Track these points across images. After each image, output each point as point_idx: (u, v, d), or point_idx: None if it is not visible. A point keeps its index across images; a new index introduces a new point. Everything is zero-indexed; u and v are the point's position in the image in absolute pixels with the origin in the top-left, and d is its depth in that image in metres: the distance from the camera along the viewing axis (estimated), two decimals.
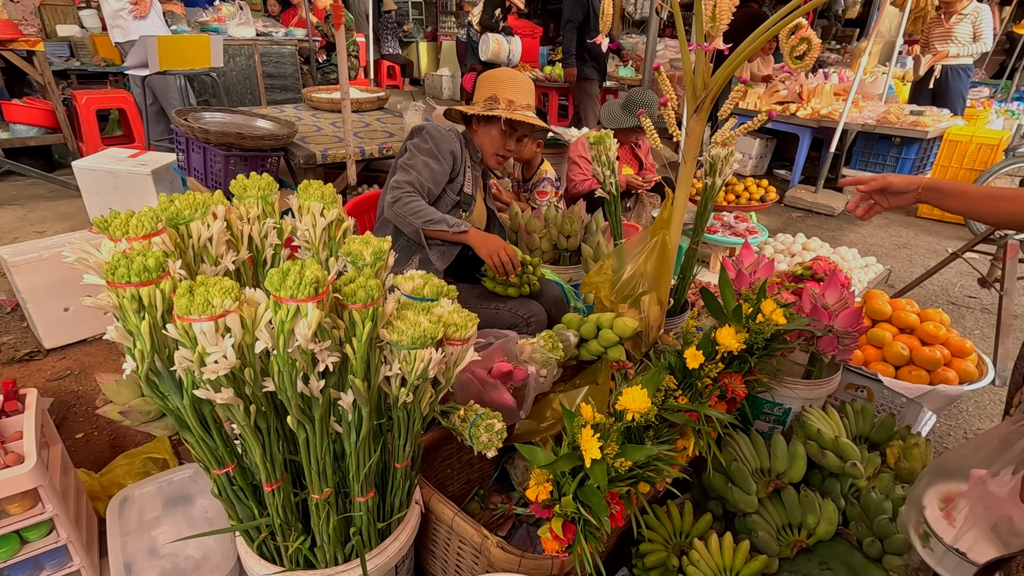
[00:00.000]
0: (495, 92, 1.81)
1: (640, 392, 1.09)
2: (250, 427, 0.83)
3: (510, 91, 1.81)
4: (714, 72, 1.44)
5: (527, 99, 1.84)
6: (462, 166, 1.84)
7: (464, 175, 1.86)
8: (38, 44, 4.19)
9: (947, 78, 4.95)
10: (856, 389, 1.83)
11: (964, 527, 0.79)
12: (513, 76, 1.85)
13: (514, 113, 1.77)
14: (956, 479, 0.85)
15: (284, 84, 6.10)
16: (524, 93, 1.84)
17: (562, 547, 1.01)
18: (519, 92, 1.82)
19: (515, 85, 1.83)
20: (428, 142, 1.76)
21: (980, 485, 0.79)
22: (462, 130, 1.92)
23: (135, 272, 0.71)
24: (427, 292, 0.99)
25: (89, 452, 1.84)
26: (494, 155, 1.88)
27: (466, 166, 1.87)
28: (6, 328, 2.49)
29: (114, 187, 3.39)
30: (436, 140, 1.77)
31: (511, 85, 1.82)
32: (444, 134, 1.79)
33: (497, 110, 1.77)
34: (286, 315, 0.74)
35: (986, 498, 0.78)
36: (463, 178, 1.85)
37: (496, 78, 1.85)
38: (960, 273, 3.52)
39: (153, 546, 1.27)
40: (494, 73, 1.88)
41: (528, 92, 1.85)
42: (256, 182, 1.04)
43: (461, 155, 1.83)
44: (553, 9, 12.17)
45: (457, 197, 1.85)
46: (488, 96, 1.81)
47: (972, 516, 0.79)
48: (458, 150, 1.81)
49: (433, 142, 1.76)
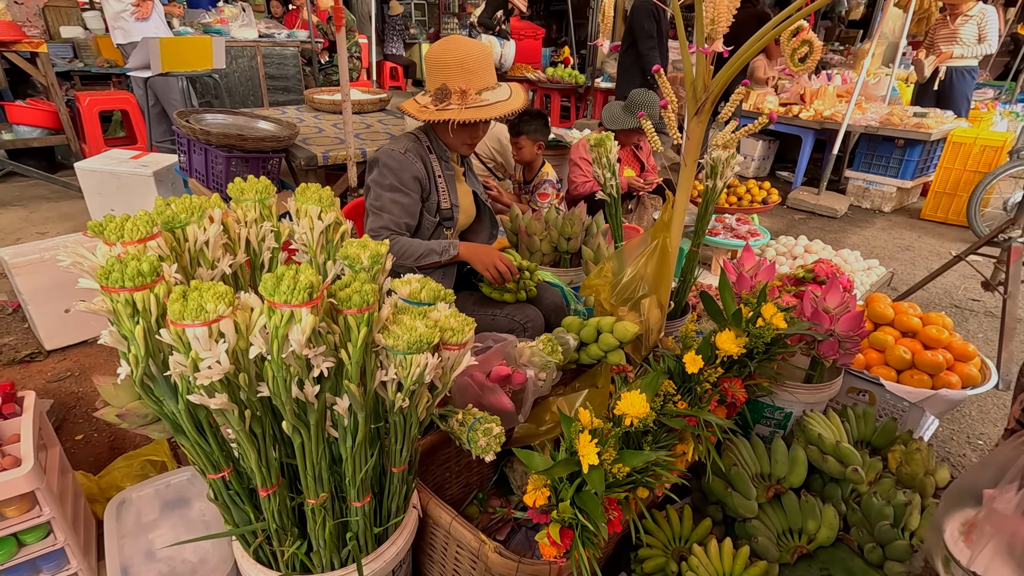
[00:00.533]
0: (443, 81, 1.58)
1: (639, 397, 1.08)
2: (245, 432, 0.83)
3: (459, 78, 1.57)
4: (715, 74, 1.44)
5: (482, 80, 1.61)
6: (431, 184, 1.70)
7: (436, 191, 1.72)
8: (41, 46, 4.20)
9: (951, 80, 4.93)
10: (858, 393, 1.82)
11: (978, 548, 0.78)
12: (462, 57, 1.58)
13: (466, 110, 1.56)
14: (972, 501, 0.85)
15: (286, 85, 6.12)
16: (477, 75, 1.59)
17: (560, 553, 1.00)
18: (471, 76, 1.58)
19: (464, 68, 1.58)
20: (388, 176, 1.63)
21: (989, 504, 0.79)
22: (421, 122, 1.69)
23: (129, 276, 0.71)
24: (424, 296, 0.98)
25: (88, 454, 1.84)
26: (462, 146, 1.73)
27: (435, 178, 1.71)
28: (7, 329, 2.50)
29: (116, 188, 3.40)
30: (395, 171, 1.63)
31: (460, 69, 1.57)
32: (401, 160, 1.64)
33: (449, 110, 1.56)
34: (280, 320, 0.73)
35: (994, 517, 0.77)
36: (436, 195, 1.72)
37: (442, 63, 1.59)
38: (963, 276, 3.50)
39: (150, 549, 1.27)
40: (439, 55, 1.60)
41: (482, 68, 1.61)
42: (254, 185, 1.03)
43: (428, 171, 1.69)
44: (556, 11, 12.21)
45: (436, 217, 1.74)
46: (438, 86, 1.59)
47: (985, 537, 0.78)
48: (421, 170, 1.67)
49: (393, 174, 1.63)
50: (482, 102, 1.59)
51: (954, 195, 4.58)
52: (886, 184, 4.89)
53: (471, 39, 1.65)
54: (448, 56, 1.58)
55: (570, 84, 6.55)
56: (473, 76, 1.59)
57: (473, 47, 1.61)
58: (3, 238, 3.46)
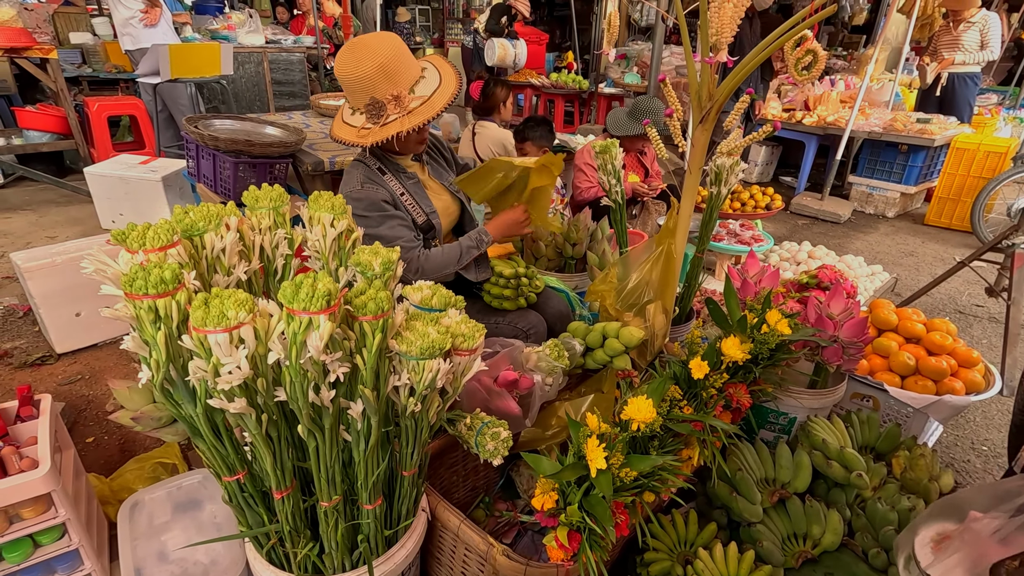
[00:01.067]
0: (370, 95, 1.45)
1: (645, 402, 1.09)
2: (261, 436, 0.85)
3: (386, 85, 1.44)
4: (720, 82, 1.46)
5: (408, 75, 1.48)
6: (399, 203, 1.63)
7: (406, 210, 1.65)
8: (51, 52, 4.25)
9: (954, 86, 4.94)
10: (862, 399, 1.83)
11: (942, 557, 0.80)
12: (381, 63, 1.42)
13: (410, 116, 1.45)
14: (956, 517, 0.87)
15: (292, 91, 6.17)
16: (401, 73, 1.46)
17: (567, 556, 1.02)
18: (396, 77, 1.45)
19: (387, 72, 1.43)
20: (367, 214, 1.55)
21: (970, 524, 0.80)
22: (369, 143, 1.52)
23: (152, 284, 0.73)
24: (435, 303, 1.01)
25: (100, 456, 1.86)
26: (416, 145, 1.64)
27: (399, 197, 1.63)
28: (18, 333, 2.53)
29: (125, 193, 3.44)
30: (369, 204, 1.56)
31: (383, 77, 1.43)
32: (361, 195, 1.56)
33: (391, 122, 1.45)
34: (299, 327, 0.75)
35: (968, 534, 0.79)
36: (408, 214, 1.65)
37: (360, 76, 1.43)
38: (968, 282, 3.50)
39: (163, 551, 1.29)
40: (352, 68, 1.43)
41: (403, 65, 1.47)
42: (268, 193, 1.06)
43: (389, 191, 1.61)
44: (559, 16, 12.26)
45: (417, 234, 1.66)
46: (366, 102, 1.47)
47: (953, 549, 0.80)
48: (385, 193, 1.59)
49: (369, 208, 1.56)
50: (421, 99, 1.48)
51: (958, 200, 4.58)
52: (890, 189, 4.90)
53: (374, 36, 1.47)
54: (363, 67, 1.42)
55: (574, 89, 6.59)
56: (398, 76, 1.46)
57: (383, 46, 1.45)
58: (13, 242, 3.50)
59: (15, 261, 2.20)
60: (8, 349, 2.39)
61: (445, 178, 1.83)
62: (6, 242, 3.50)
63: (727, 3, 1.38)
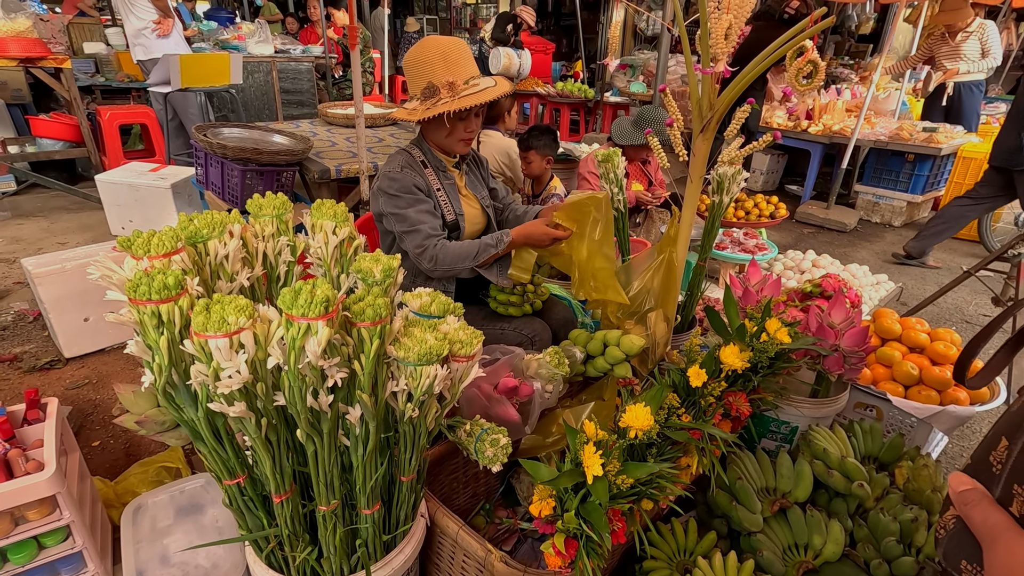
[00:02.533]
0: (429, 79, 1.57)
1: (643, 410, 1.10)
2: (261, 439, 0.86)
3: (444, 71, 1.55)
4: (721, 92, 1.47)
5: (466, 70, 1.59)
6: (432, 195, 1.70)
7: (438, 204, 1.71)
8: (66, 62, 4.33)
9: (959, 95, 4.93)
10: (865, 408, 1.82)
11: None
12: (443, 51, 1.57)
13: (459, 100, 1.54)
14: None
15: (300, 100, 6.24)
16: (461, 65, 1.58)
17: (565, 563, 1.02)
18: (454, 67, 1.57)
19: (447, 60, 1.56)
20: (400, 195, 1.63)
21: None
22: (416, 134, 1.72)
23: (156, 290, 0.74)
24: (434, 309, 1.02)
25: (105, 460, 1.88)
26: (458, 142, 1.70)
27: (435, 191, 1.71)
28: (28, 337, 2.56)
29: (135, 200, 3.49)
30: (402, 188, 1.63)
31: (443, 63, 1.56)
32: (400, 178, 1.64)
33: (440, 104, 1.54)
34: (297, 332, 0.77)
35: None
36: (439, 208, 1.72)
37: (423, 61, 1.57)
38: (974, 292, 3.48)
39: (165, 554, 1.30)
40: (419, 55, 1.58)
41: (464, 59, 1.60)
42: (271, 201, 1.07)
43: (426, 182, 1.69)
44: (566, 26, 12.35)
45: (443, 231, 1.72)
46: (423, 86, 1.58)
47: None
48: (421, 181, 1.67)
49: (403, 192, 1.63)
50: (473, 88, 1.58)
51: None
52: (896, 198, 4.89)
53: (445, 36, 1.63)
54: (428, 53, 1.57)
55: (579, 98, 6.62)
56: (457, 67, 1.57)
57: (450, 41, 1.60)
58: (25, 248, 3.56)
59: (26, 266, 2.24)
60: (18, 353, 2.42)
61: (479, 191, 1.90)
62: (18, 248, 3.55)
63: (727, 14, 1.39)
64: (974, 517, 0.45)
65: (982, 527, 0.44)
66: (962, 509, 0.47)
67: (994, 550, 0.43)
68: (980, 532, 0.45)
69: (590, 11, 10.28)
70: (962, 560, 0.46)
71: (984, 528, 0.44)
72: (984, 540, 0.44)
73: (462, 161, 1.84)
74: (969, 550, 0.46)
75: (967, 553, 0.46)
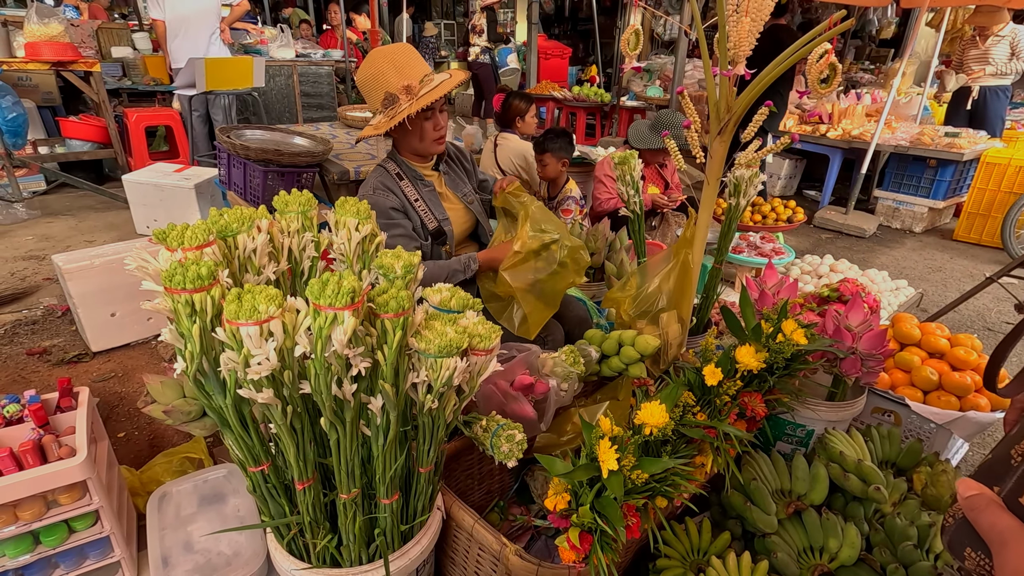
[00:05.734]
0: (385, 89, 1.58)
1: (658, 407, 1.11)
2: (286, 427, 0.89)
3: (397, 77, 1.57)
4: (739, 94, 1.48)
5: (418, 71, 1.60)
6: (411, 209, 1.71)
7: (417, 214, 1.72)
8: (95, 65, 4.46)
9: (984, 99, 4.86)
10: (883, 413, 1.80)
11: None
12: (391, 58, 1.59)
13: (419, 99, 1.55)
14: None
15: (320, 103, 6.35)
16: (411, 66, 1.60)
17: (579, 557, 1.03)
18: (406, 70, 1.58)
19: (397, 66, 1.58)
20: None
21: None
22: (388, 145, 1.72)
23: (190, 279, 0.78)
24: (454, 304, 1.04)
25: (130, 450, 1.93)
26: (432, 143, 1.70)
27: (412, 202, 1.71)
28: (56, 331, 2.64)
29: (159, 200, 3.57)
30: (377, 211, 1.58)
31: (394, 70, 1.58)
32: (374, 199, 1.64)
33: (402, 110, 1.55)
34: (324, 322, 0.79)
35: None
36: (419, 218, 1.73)
37: (375, 74, 1.59)
38: (997, 298, 3.42)
39: (188, 541, 1.33)
40: (369, 69, 1.61)
41: (414, 60, 1.62)
42: (297, 198, 1.11)
43: (401, 198, 1.69)
44: (583, 30, 12.38)
45: (427, 240, 1.73)
46: (382, 99, 1.59)
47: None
48: (395, 200, 1.68)
49: (376, 214, 1.63)
50: (429, 85, 1.59)
51: (988, 216, 4.49)
52: (917, 204, 4.82)
53: (389, 45, 1.68)
54: (377, 65, 1.59)
55: (596, 102, 6.64)
56: (407, 69, 1.59)
57: (396, 47, 1.65)
58: (54, 245, 3.66)
59: (56, 263, 2.31)
60: (47, 347, 2.50)
61: (461, 189, 1.90)
62: (48, 245, 3.66)
63: (745, 17, 1.40)
64: (982, 522, 0.46)
65: (991, 532, 0.45)
66: (970, 515, 0.47)
67: (1004, 555, 0.43)
68: (989, 537, 0.45)
69: (607, 15, 10.29)
70: (967, 548, 0.47)
71: (993, 533, 0.45)
72: (994, 545, 0.45)
73: (439, 162, 1.84)
74: (973, 538, 0.46)
75: (972, 541, 0.46)
